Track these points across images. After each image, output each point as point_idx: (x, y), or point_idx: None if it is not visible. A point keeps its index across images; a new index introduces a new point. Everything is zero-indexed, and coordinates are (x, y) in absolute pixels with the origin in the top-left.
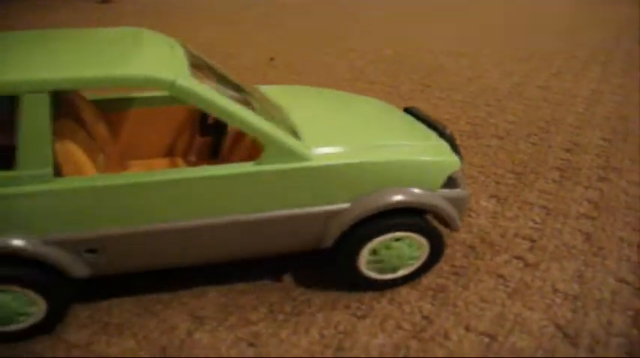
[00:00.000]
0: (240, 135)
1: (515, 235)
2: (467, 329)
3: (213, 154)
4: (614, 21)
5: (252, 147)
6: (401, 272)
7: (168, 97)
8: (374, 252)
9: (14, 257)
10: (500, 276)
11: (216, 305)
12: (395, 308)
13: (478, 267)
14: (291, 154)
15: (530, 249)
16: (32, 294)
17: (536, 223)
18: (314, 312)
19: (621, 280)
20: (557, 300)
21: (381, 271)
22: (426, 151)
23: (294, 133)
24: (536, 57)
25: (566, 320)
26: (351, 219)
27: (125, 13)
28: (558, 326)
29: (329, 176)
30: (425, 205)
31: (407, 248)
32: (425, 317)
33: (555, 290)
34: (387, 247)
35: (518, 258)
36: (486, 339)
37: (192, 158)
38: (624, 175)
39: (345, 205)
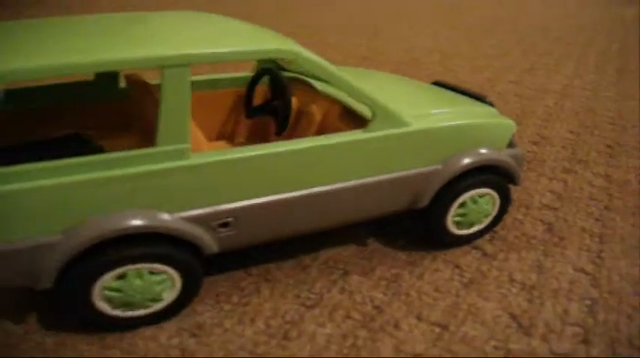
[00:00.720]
0: (302, 113)
1: None
2: (418, 318)
3: (276, 133)
4: (591, 20)
5: (320, 123)
6: (475, 228)
7: (206, 82)
8: (461, 205)
9: (155, 235)
10: (457, 266)
11: None
12: (346, 298)
13: (435, 257)
14: (396, 120)
15: (490, 240)
16: (173, 274)
17: None
18: (262, 302)
19: (580, 270)
20: (514, 290)
21: (460, 226)
22: (492, 115)
23: None
24: (511, 54)
25: (521, 309)
26: (445, 178)
27: (101, 7)
28: (513, 316)
29: (427, 139)
30: (503, 163)
31: (484, 204)
32: (376, 307)
33: (512, 280)
34: (474, 202)
35: (476, 248)
36: (438, 329)
37: (241, 139)
38: (590, 167)
39: (439, 166)
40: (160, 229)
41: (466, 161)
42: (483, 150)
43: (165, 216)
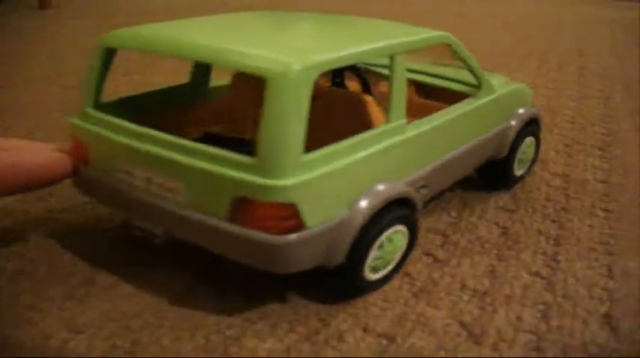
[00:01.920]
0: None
1: (428, 230)
2: (364, 330)
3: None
4: (555, 19)
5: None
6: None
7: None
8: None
9: (395, 201)
10: (407, 275)
11: (98, 312)
12: (289, 311)
13: None
14: (492, 88)
15: (442, 245)
16: (405, 232)
17: (451, 217)
18: (203, 317)
19: (535, 274)
20: (465, 297)
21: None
22: (518, 83)
23: None
24: (475, 52)
25: (472, 317)
26: (515, 131)
27: (64, 17)
28: (463, 324)
29: (504, 101)
30: (539, 116)
31: (529, 146)
32: (321, 320)
33: (464, 287)
34: (528, 146)
35: (428, 254)
36: (384, 341)
37: None
38: (548, 167)
39: (510, 122)
40: (404, 194)
41: (525, 114)
42: (524, 109)
43: (402, 183)
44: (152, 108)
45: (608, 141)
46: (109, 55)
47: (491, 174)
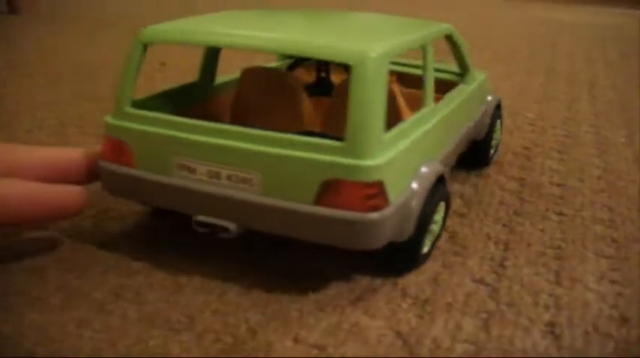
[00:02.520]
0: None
1: None
2: (295, 340)
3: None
4: (526, 21)
5: None
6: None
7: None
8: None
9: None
10: (347, 281)
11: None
12: (218, 320)
13: (324, 272)
14: (474, 76)
15: None
16: (443, 206)
17: None
18: (128, 327)
19: (479, 280)
20: (405, 305)
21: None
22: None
23: None
24: (439, 54)
25: (409, 326)
26: (490, 114)
27: (32, 22)
28: (399, 334)
29: (481, 88)
30: (501, 102)
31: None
32: (250, 329)
33: (405, 295)
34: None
35: (372, 261)
36: (315, 351)
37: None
38: (504, 170)
39: (485, 106)
40: (442, 171)
41: (494, 100)
42: (491, 95)
43: (438, 162)
44: (173, 107)
45: (567, 144)
46: (144, 51)
47: (471, 155)
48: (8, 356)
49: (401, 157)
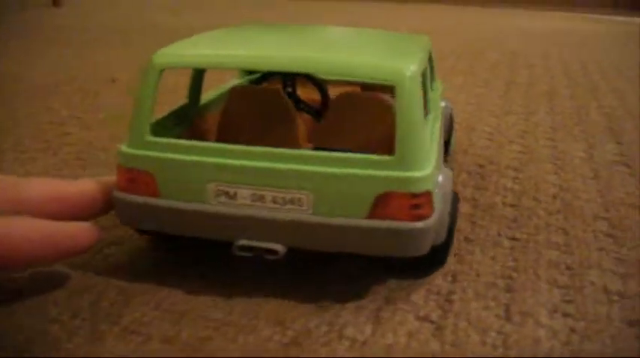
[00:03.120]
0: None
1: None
2: None
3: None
4: (486, 31)
5: None
6: None
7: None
8: None
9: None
10: (280, 323)
11: None
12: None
13: (256, 314)
14: (438, 84)
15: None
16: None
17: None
18: None
19: (424, 318)
20: (341, 348)
21: None
22: None
23: None
24: None
25: None
26: (449, 117)
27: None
28: None
29: (440, 93)
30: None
31: None
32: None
33: (342, 337)
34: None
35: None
36: None
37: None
38: (457, 191)
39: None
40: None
41: (449, 106)
42: (444, 100)
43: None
44: (170, 131)
45: (523, 160)
46: (160, 75)
47: None
48: None
49: (436, 165)
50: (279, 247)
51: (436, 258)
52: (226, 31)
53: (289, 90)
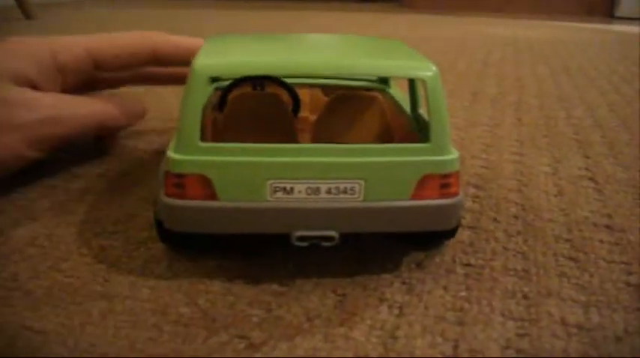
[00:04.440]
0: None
1: (250, 303)
2: None
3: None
4: (456, 39)
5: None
6: None
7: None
8: None
9: None
10: None
11: None
12: None
13: None
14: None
15: (261, 323)
16: None
17: (281, 285)
18: None
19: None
20: None
21: None
22: None
23: None
24: None
25: None
26: None
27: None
28: None
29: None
30: None
31: None
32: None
33: None
34: None
35: (241, 336)
36: None
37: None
38: None
39: None
40: None
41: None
42: None
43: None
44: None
45: (486, 177)
46: (209, 84)
47: None
48: None
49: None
50: (334, 233)
51: (453, 232)
52: (239, 39)
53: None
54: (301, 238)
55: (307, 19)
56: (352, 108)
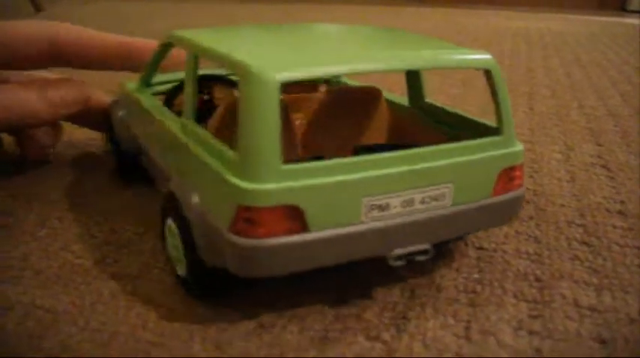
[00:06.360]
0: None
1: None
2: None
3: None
4: (469, 30)
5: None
6: None
7: None
8: None
9: None
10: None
11: None
12: None
13: None
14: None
15: (273, 304)
16: None
17: None
18: None
19: (375, 338)
20: None
21: None
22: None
23: None
24: None
25: None
26: None
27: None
28: None
29: None
30: None
31: None
32: None
33: None
34: None
35: (260, 325)
36: None
37: None
38: None
39: None
40: None
41: None
42: None
43: None
44: None
45: None
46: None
47: None
48: None
49: None
50: (428, 246)
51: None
52: (248, 33)
53: (206, 97)
54: (398, 257)
55: (301, 11)
56: (352, 105)
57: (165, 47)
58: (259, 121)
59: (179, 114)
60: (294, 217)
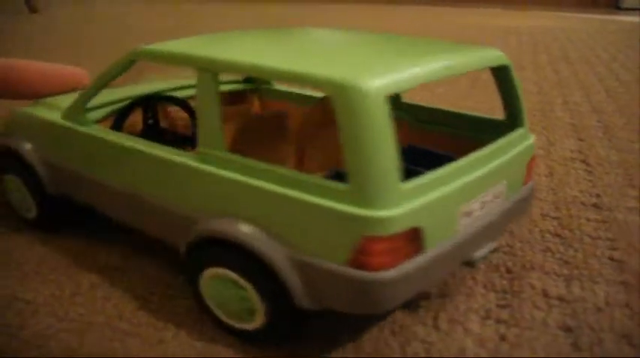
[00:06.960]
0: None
1: None
2: None
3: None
4: (472, 28)
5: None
6: None
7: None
8: None
9: None
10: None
11: None
12: None
13: None
14: None
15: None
16: None
17: None
18: None
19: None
20: None
21: None
22: None
23: None
24: None
25: None
26: None
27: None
28: None
29: None
30: None
31: None
32: None
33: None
34: None
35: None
36: None
37: None
38: None
39: None
40: None
41: None
42: None
43: None
44: None
45: None
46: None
47: None
48: None
49: None
50: (496, 243)
51: None
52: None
53: (151, 121)
54: (479, 259)
55: (302, 12)
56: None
57: (130, 64)
58: (373, 140)
59: (134, 136)
60: (415, 238)
